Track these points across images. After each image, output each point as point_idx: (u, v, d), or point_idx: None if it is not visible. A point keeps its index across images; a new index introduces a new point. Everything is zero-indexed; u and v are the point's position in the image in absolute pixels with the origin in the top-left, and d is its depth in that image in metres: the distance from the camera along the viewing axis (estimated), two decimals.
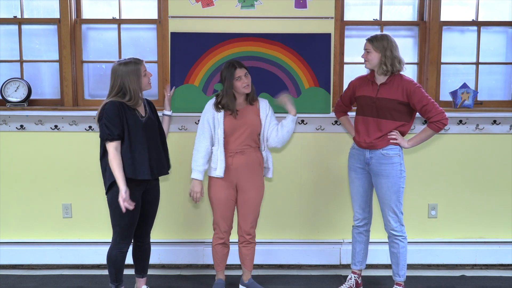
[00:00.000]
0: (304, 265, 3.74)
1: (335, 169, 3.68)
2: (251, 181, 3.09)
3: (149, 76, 2.89)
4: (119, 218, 2.81)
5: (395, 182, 2.98)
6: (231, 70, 2.99)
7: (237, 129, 3.04)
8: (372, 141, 3.00)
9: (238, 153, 3.06)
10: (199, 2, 3.52)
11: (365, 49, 3.00)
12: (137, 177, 2.78)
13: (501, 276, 3.60)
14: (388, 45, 2.93)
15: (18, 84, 3.56)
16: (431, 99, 2.92)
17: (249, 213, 3.12)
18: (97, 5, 3.69)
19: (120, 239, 2.86)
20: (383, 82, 2.99)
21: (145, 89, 2.88)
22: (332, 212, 3.73)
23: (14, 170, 3.64)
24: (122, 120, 2.76)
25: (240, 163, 3.06)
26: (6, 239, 3.68)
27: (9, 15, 3.65)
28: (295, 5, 3.53)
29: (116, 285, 2.93)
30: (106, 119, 2.74)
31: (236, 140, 3.05)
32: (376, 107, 2.99)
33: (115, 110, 2.74)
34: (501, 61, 3.78)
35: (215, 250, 3.19)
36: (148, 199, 2.95)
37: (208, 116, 3.05)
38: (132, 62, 2.81)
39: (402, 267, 3.10)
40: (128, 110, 2.80)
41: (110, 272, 2.91)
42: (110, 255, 2.88)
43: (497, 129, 3.66)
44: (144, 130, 2.84)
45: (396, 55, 2.94)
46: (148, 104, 2.98)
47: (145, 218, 2.99)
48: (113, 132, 2.73)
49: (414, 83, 2.95)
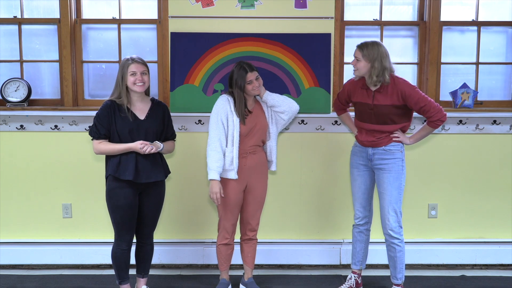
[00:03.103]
0: (304, 265, 3.74)
1: (335, 169, 3.68)
2: (259, 179, 3.12)
3: (138, 78, 2.81)
4: (111, 214, 2.90)
5: (396, 176, 2.99)
6: (242, 74, 2.95)
7: (251, 130, 3.04)
8: (375, 140, 3.01)
9: (250, 153, 3.06)
10: (199, 2, 3.52)
11: (355, 56, 2.97)
12: (120, 176, 2.81)
13: (501, 276, 3.60)
14: (378, 56, 2.87)
15: (18, 84, 3.56)
16: (428, 98, 2.91)
17: (257, 210, 3.16)
18: (97, 5, 3.69)
19: (117, 236, 2.92)
20: (377, 89, 2.97)
21: (133, 90, 2.84)
22: (332, 212, 3.73)
23: (14, 170, 3.64)
24: (110, 120, 2.81)
25: (252, 163, 3.07)
26: (6, 239, 3.68)
27: (9, 15, 3.65)
28: (295, 5, 3.53)
29: (119, 281, 3.01)
30: (96, 118, 2.83)
31: (249, 141, 3.05)
32: (374, 114, 2.99)
33: (105, 110, 2.81)
34: (501, 61, 3.77)
35: (219, 250, 3.20)
36: (147, 200, 2.96)
37: (222, 116, 2.97)
38: (124, 60, 2.87)
39: (400, 270, 3.10)
40: (119, 111, 2.82)
41: (114, 269, 3.01)
42: (112, 252, 2.96)
43: (497, 129, 3.66)
44: (131, 133, 2.82)
45: (385, 66, 2.88)
46: (159, 108, 2.94)
47: (145, 219, 3.00)
48: (99, 131, 2.82)
49: (408, 84, 2.93)
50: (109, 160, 2.87)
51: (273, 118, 3.12)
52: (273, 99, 3.04)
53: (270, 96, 3.04)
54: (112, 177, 2.85)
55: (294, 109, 3.07)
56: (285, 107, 3.04)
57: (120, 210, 2.85)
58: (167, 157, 3.63)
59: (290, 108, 3.05)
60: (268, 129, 3.12)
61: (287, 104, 3.05)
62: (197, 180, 3.65)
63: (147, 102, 2.94)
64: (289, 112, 3.06)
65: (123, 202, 2.84)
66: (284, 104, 3.04)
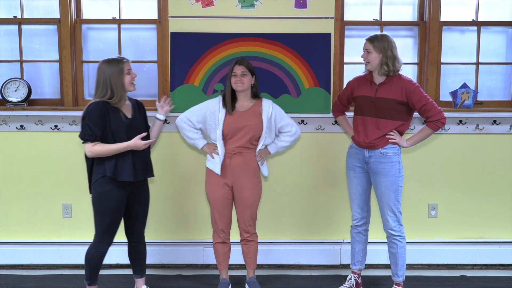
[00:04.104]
0: (304, 265, 3.74)
1: (335, 169, 3.68)
2: (246, 181, 3.10)
3: (133, 76, 2.85)
4: (101, 217, 2.83)
5: (394, 180, 2.99)
6: (232, 65, 3.06)
7: (237, 132, 3.04)
8: (372, 142, 3.00)
9: (236, 154, 3.07)
10: (199, 2, 3.52)
11: (366, 49, 2.99)
12: (119, 178, 2.78)
13: (501, 276, 3.60)
14: (389, 46, 2.93)
15: (18, 84, 3.56)
16: (430, 98, 2.93)
17: (245, 212, 3.14)
18: (97, 5, 3.69)
19: (100, 238, 2.86)
20: (382, 82, 2.99)
21: (129, 89, 2.85)
22: (332, 212, 3.73)
23: (14, 170, 3.64)
24: (105, 121, 2.75)
25: (237, 164, 3.07)
26: (6, 239, 3.68)
27: (9, 15, 3.65)
28: (295, 5, 3.53)
29: (89, 283, 2.95)
30: (89, 119, 2.73)
31: (236, 142, 3.06)
32: (375, 106, 2.99)
33: (99, 111, 2.74)
34: (501, 61, 3.77)
35: (215, 248, 3.21)
36: (136, 199, 2.95)
37: (208, 110, 3.08)
38: (116, 60, 2.81)
39: (401, 267, 3.10)
40: (112, 112, 2.78)
41: (85, 269, 2.94)
42: (88, 253, 2.90)
43: (497, 129, 3.66)
44: (128, 132, 2.81)
45: (396, 55, 2.94)
46: (138, 105, 2.96)
47: (136, 218, 2.99)
48: (95, 133, 2.73)
49: (413, 82, 2.96)
50: (103, 162, 2.79)
51: (271, 129, 3.13)
52: (278, 150, 3.21)
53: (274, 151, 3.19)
54: (106, 179, 2.78)
55: (296, 137, 3.21)
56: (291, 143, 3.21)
57: (112, 213, 2.81)
58: (167, 157, 3.64)
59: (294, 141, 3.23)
60: (262, 136, 3.10)
61: (292, 142, 3.20)
62: (197, 180, 3.65)
63: (128, 100, 2.94)
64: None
65: (116, 205, 2.81)
66: (291, 143, 3.20)
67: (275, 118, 3.10)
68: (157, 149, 3.60)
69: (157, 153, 3.60)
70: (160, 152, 3.62)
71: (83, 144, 2.78)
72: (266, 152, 3.16)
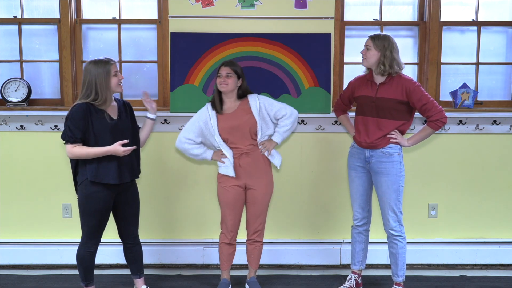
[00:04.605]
0: (304, 265, 3.74)
1: (335, 169, 3.68)
2: (259, 179, 3.10)
3: (120, 78, 2.83)
4: (87, 218, 2.82)
5: (395, 180, 2.99)
6: (218, 66, 3.08)
7: (234, 132, 3.04)
8: (373, 142, 3.00)
9: (242, 154, 3.07)
10: (199, 2, 3.52)
11: (366, 46, 3.00)
12: (103, 181, 2.76)
13: (501, 276, 3.60)
14: (389, 46, 2.93)
15: (18, 84, 3.56)
16: (431, 97, 2.93)
17: (258, 212, 3.14)
18: (97, 5, 3.69)
19: (87, 238, 2.86)
20: (382, 81, 2.99)
21: (115, 91, 2.83)
22: (332, 212, 3.73)
23: (14, 170, 3.64)
24: (87, 123, 2.73)
25: (247, 163, 3.07)
26: (6, 239, 3.68)
27: (9, 15, 3.65)
28: (295, 5, 3.53)
29: (85, 284, 2.95)
30: (71, 121, 2.72)
31: (238, 143, 3.06)
32: (375, 106, 2.99)
33: (81, 113, 2.71)
34: (501, 61, 3.77)
35: (221, 249, 3.21)
36: (124, 200, 2.93)
37: (201, 121, 3.08)
38: (103, 62, 2.78)
39: (401, 268, 3.10)
40: (96, 113, 2.75)
41: (79, 271, 2.93)
42: (78, 254, 2.89)
43: (497, 129, 3.66)
44: (112, 134, 2.78)
45: (395, 57, 2.93)
46: (124, 106, 2.94)
47: (126, 219, 2.98)
48: (75, 135, 2.71)
49: (413, 82, 2.96)
50: (84, 164, 2.77)
51: (265, 119, 3.11)
52: (283, 136, 3.15)
53: (280, 139, 3.13)
54: (89, 181, 2.76)
55: (295, 117, 3.14)
56: (292, 125, 3.15)
57: (98, 214, 2.80)
58: (167, 157, 3.64)
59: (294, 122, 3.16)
60: (258, 129, 3.08)
61: (293, 123, 3.14)
62: (197, 180, 3.65)
63: (114, 101, 2.91)
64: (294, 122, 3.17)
65: (102, 206, 2.79)
66: (292, 125, 3.14)
67: (265, 107, 3.09)
68: (157, 148, 3.60)
69: (157, 152, 3.60)
70: (160, 152, 3.62)
71: (64, 145, 2.77)
72: (271, 142, 3.13)
